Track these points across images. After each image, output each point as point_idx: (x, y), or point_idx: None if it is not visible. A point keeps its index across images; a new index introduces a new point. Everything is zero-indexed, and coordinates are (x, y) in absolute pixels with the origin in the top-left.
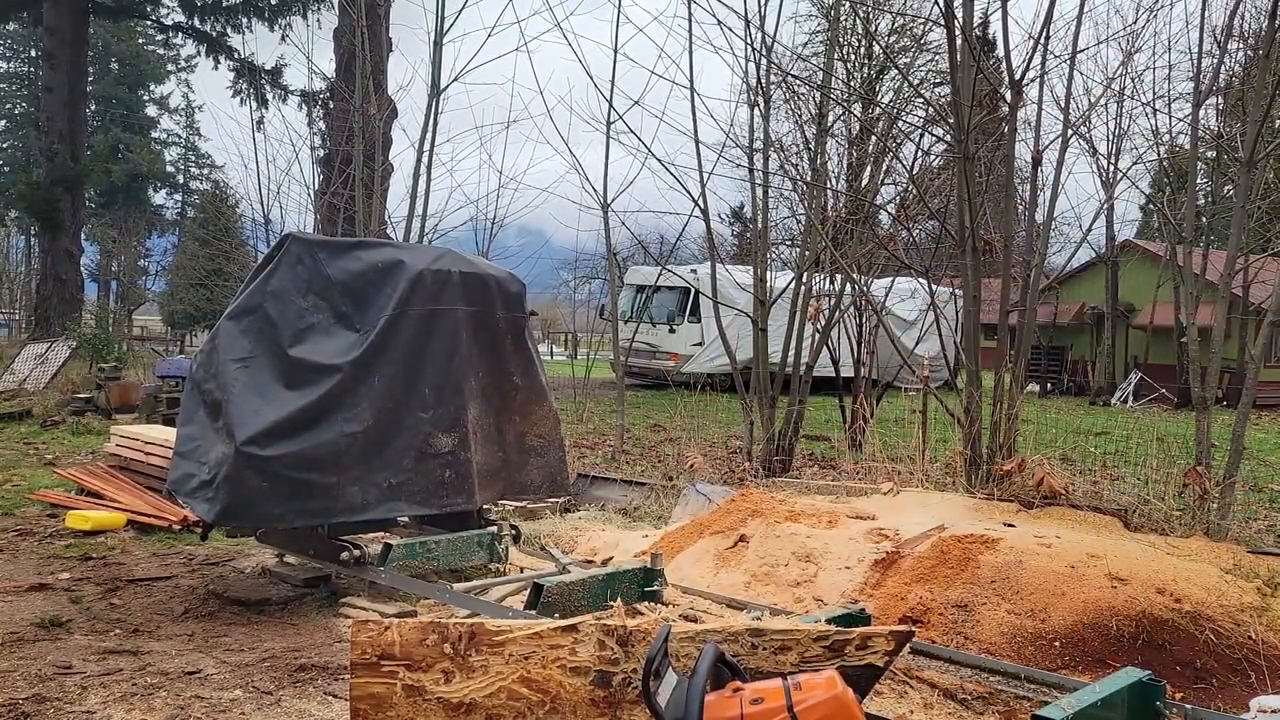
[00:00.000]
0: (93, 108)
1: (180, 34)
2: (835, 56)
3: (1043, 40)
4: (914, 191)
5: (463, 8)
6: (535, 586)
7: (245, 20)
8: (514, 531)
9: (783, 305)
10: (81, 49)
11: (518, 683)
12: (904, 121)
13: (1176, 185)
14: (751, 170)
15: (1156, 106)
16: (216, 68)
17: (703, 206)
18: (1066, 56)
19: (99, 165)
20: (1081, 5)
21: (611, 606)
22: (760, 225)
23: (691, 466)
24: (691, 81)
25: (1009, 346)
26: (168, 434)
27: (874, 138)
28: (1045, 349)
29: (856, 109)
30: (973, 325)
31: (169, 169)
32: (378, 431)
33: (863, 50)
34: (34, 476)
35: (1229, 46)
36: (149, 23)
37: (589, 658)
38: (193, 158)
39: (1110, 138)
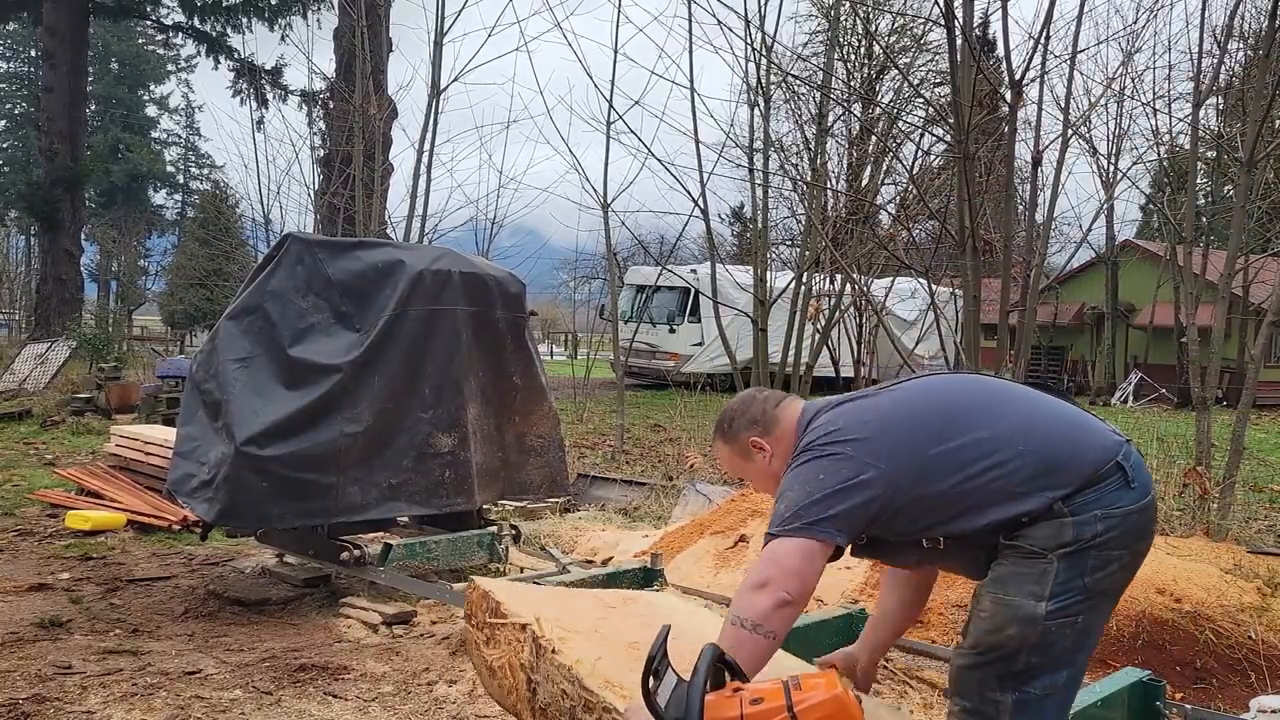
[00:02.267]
0: (93, 108)
1: (180, 34)
2: (835, 56)
3: (1043, 40)
4: (914, 191)
5: (463, 8)
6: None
7: (245, 20)
8: (514, 531)
9: (783, 305)
10: (81, 49)
11: (507, 664)
12: (904, 121)
13: (1176, 185)
14: (751, 170)
15: (1156, 106)
16: (216, 68)
17: (703, 206)
18: (1066, 56)
19: (99, 165)
20: (1081, 5)
21: None
22: (760, 225)
23: (691, 466)
24: (691, 81)
25: (1009, 346)
26: (168, 434)
27: (874, 138)
28: (1045, 349)
29: (856, 109)
30: (973, 325)
31: (169, 169)
32: (377, 432)
33: (863, 50)
34: (34, 476)
35: (1229, 46)
36: (149, 23)
37: (527, 660)
38: (193, 158)
39: (1110, 138)
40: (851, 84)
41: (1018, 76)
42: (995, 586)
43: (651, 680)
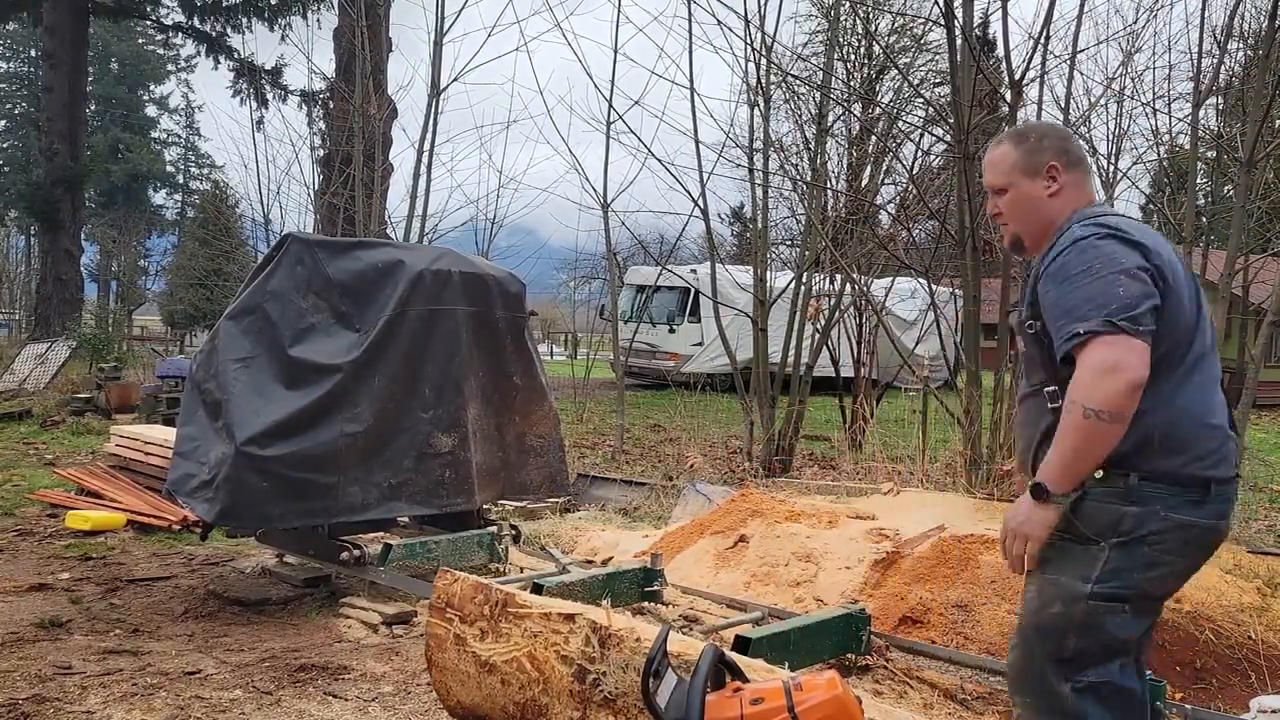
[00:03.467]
0: (93, 108)
1: (180, 34)
2: (835, 56)
3: (1043, 40)
4: (914, 191)
5: (463, 8)
6: (535, 586)
7: (245, 20)
8: (514, 531)
9: (783, 305)
10: (81, 49)
11: (525, 657)
12: (904, 121)
13: (1176, 185)
14: (751, 170)
15: (1156, 106)
16: (216, 68)
17: (703, 206)
18: (1066, 56)
19: (99, 165)
20: (1081, 5)
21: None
22: (760, 225)
23: (691, 466)
24: (691, 81)
25: (1009, 346)
26: (168, 434)
27: (874, 138)
28: None
29: (856, 109)
30: (973, 325)
31: (169, 169)
32: (378, 431)
33: (863, 50)
34: (34, 476)
35: (1229, 46)
36: (149, 23)
37: (576, 650)
38: (193, 158)
39: (1110, 138)
40: (851, 84)
41: (1018, 76)
42: (1045, 568)
43: (651, 681)
